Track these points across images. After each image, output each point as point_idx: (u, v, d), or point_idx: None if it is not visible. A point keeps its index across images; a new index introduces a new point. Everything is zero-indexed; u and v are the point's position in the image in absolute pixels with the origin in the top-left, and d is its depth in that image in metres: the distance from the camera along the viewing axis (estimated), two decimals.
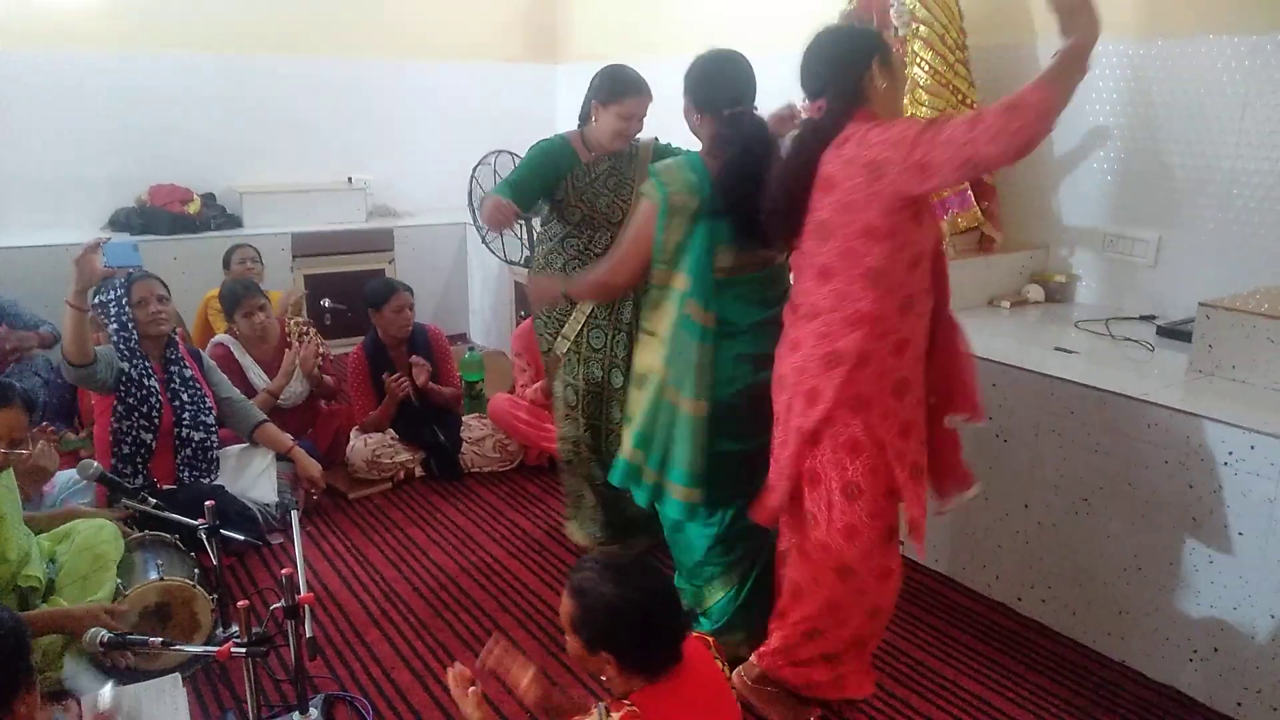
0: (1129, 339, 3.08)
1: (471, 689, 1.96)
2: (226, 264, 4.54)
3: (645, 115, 3.05)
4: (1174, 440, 2.52)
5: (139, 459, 3.28)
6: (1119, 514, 2.68)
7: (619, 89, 3.01)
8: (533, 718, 2.45)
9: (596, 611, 1.78)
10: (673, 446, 2.51)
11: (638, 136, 3.13)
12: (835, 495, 2.22)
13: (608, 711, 1.76)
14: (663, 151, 3.19)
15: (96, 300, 3.44)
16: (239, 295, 3.95)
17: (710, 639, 2.02)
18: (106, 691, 1.83)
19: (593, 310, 3.14)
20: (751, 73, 2.54)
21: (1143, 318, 3.27)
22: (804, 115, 2.25)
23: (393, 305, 3.98)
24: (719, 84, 2.52)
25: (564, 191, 3.08)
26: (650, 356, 2.57)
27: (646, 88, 3.03)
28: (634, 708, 1.73)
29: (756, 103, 2.54)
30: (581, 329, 3.16)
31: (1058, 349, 3.01)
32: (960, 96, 3.46)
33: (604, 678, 1.83)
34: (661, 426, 2.54)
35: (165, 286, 3.39)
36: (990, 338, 3.04)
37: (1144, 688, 2.62)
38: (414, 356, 4.04)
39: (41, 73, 4.86)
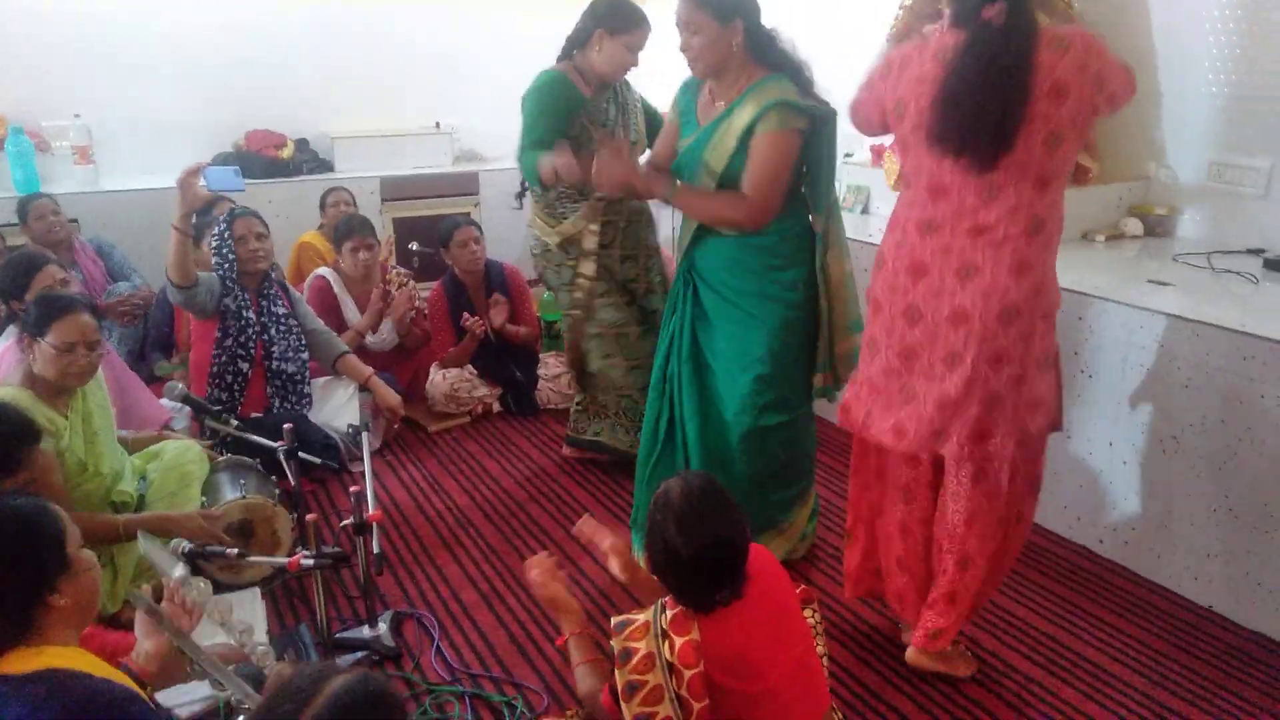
0: (1231, 271, 2.89)
1: (540, 570, 2.11)
2: (322, 206, 4.67)
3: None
4: (1274, 374, 2.36)
5: (236, 387, 3.43)
6: (1210, 452, 2.53)
7: (630, 20, 2.96)
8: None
9: (655, 546, 1.77)
10: None
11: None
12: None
13: (664, 608, 1.77)
14: (649, 110, 3.25)
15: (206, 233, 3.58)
16: (353, 228, 4.04)
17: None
18: (178, 571, 1.92)
19: (612, 242, 3.13)
20: None
21: (1250, 251, 3.06)
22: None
23: (458, 240, 4.06)
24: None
25: (579, 128, 3.03)
26: (843, 263, 2.65)
27: (649, 20, 2.99)
28: (690, 608, 1.74)
29: None
30: (596, 267, 3.15)
31: (1150, 281, 2.85)
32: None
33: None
34: None
35: (264, 223, 3.51)
36: (1082, 273, 2.89)
37: (1230, 633, 2.49)
38: (493, 295, 4.10)
39: (143, 20, 5.02)
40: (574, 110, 3.02)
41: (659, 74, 3.23)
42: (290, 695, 1.11)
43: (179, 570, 1.91)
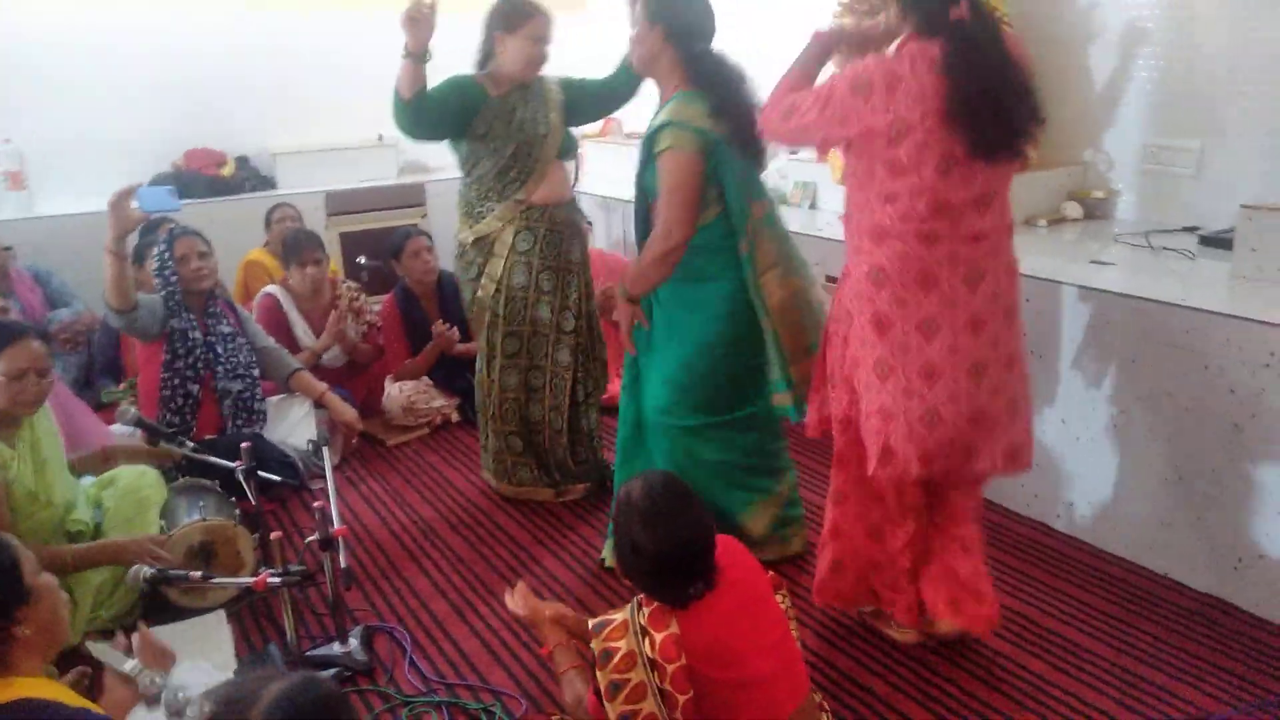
0: (1169, 249, 2.98)
1: (525, 601, 2.13)
2: (268, 223, 4.60)
3: (551, 38, 3.00)
4: (1213, 345, 2.45)
5: (187, 410, 3.36)
6: (1158, 424, 2.61)
7: (521, 13, 2.96)
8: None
9: (624, 547, 1.79)
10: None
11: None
12: None
13: (640, 605, 1.78)
14: (573, 84, 3.19)
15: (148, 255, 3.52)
16: (300, 244, 3.97)
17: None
18: (128, 665, 1.86)
19: (531, 250, 3.10)
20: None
21: (1185, 229, 3.15)
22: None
23: (409, 250, 4.04)
24: (699, 14, 2.54)
25: (486, 126, 3.00)
26: (789, 283, 2.60)
27: (547, 8, 2.99)
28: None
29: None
30: (507, 270, 3.10)
31: (1093, 262, 2.92)
32: None
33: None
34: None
35: (206, 242, 3.45)
36: (1026, 257, 2.93)
37: (1186, 598, 2.57)
38: (439, 322, 4.06)
39: (73, 40, 4.91)
40: (476, 108, 2.99)
41: None
42: (230, 707, 1.09)
43: (129, 664, 1.86)
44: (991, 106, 1.97)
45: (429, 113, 2.97)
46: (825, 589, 2.46)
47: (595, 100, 3.25)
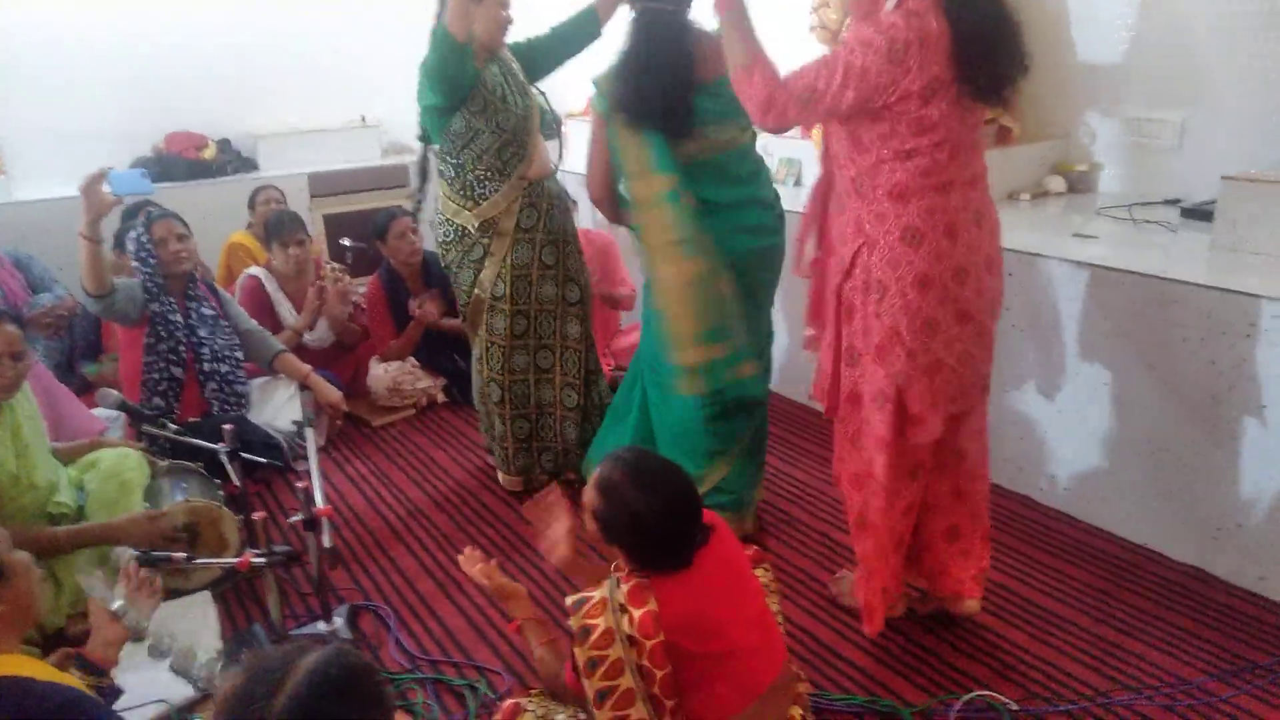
0: (1151, 222, 2.99)
1: (482, 565, 2.08)
2: (252, 205, 4.57)
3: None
4: (1194, 317, 2.46)
5: (170, 393, 3.35)
6: (1139, 397, 2.63)
7: None
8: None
9: (618, 513, 1.78)
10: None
11: None
12: None
13: (619, 583, 1.78)
14: (520, 46, 3.14)
15: (127, 239, 3.49)
16: (283, 224, 3.95)
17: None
18: (116, 602, 1.89)
19: (535, 226, 3.06)
20: None
21: (1167, 202, 3.17)
22: None
23: (394, 231, 4.01)
24: None
25: (483, 99, 2.90)
26: (690, 262, 2.56)
27: None
28: (645, 579, 1.75)
29: None
30: (510, 248, 3.05)
31: (1076, 235, 2.93)
32: None
33: (617, 561, 1.85)
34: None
35: (185, 224, 3.43)
36: (1010, 230, 2.94)
37: (1166, 568, 2.59)
38: (413, 301, 4.03)
39: (52, 23, 4.87)
40: (474, 79, 2.88)
41: None
42: (261, 678, 1.09)
43: (117, 602, 1.88)
44: (984, 48, 1.97)
45: (471, 63, 2.84)
46: (871, 605, 2.34)
47: (546, 52, 3.15)
